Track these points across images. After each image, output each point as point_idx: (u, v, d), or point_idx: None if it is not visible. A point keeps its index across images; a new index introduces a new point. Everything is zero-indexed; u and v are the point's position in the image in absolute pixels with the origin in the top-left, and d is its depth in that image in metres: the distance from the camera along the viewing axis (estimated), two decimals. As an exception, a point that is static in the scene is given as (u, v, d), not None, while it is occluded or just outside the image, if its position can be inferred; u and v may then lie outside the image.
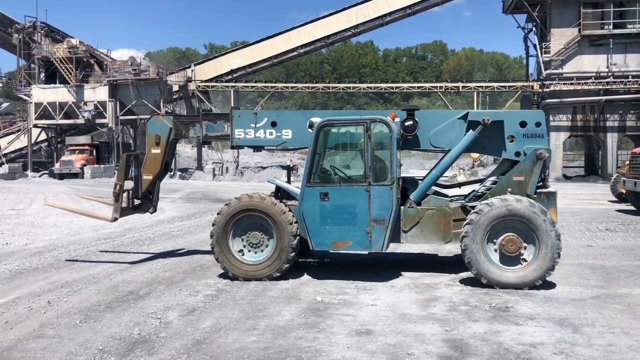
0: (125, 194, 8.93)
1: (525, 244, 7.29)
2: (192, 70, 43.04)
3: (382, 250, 7.65)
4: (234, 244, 7.90)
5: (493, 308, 6.45)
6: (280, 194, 8.60)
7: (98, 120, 41.70)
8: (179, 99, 45.42)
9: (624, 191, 17.58)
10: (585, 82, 36.68)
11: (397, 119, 7.75)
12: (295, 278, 7.96)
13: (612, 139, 36.90)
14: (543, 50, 37.96)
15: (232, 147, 8.91)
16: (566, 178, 37.15)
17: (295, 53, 43.27)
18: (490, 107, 59.49)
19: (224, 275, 8.19)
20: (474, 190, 8.37)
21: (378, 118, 7.59)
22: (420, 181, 8.27)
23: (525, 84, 40.47)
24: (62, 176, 38.23)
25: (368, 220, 7.49)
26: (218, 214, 7.97)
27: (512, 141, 7.90)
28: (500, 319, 6.03)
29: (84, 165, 39.16)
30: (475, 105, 41.59)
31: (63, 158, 40.07)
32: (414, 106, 8.33)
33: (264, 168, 42.71)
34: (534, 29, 41.08)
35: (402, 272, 8.33)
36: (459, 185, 10.01)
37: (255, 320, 6.04)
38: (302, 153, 59.44)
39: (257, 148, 8.92)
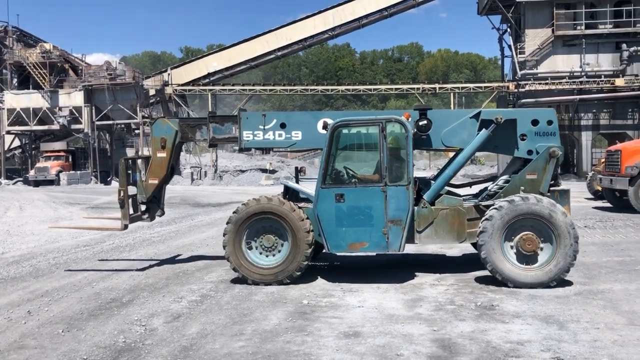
0: (130, 200, 8.77)
1: (542, 244, 7.29)
2: (169, 74, 42.71)
3: (400, 251, 7.61)
4: (245, 247, 7.77)
5: (479, 307, 6.49)
6: (288, 196, 8.47)
7: (73, 126, 41.08)
8: (156, 103, 45.03)
9: (600, 188, 17.87)
10: (559, 82, 37.27)
11: (410, 119, 7.71)
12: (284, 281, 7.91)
13: (586, 138, 37.52)
14: (518, 50, 38.48)
15: (241, 150, 8.78)
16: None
17: (272, 56, 43.24)
18: (466, 108, 60.00)
19: (207, 281, 8.12)
20: (486, 189, 8.37)
21: (394, 118, 7.57)
22: (432, 181, 8.26)
23: (501, 84, 40.97)
24: (37, 183, 37.59)
25: (385, 221, 7.45)
26: (228, 222, 7.79)
27: (524, 139, 7.88)
28: (486, 318, 6.06)
29: (60, 171, 38.56)
30: (452, 106, 41.96)
31: (38, 165, 39.41)
32: (427, 106, 8.31)
33: (243, 171, 42.49)
34: (508, 29, 41.67)
35: (387, 273, 8.34)
36: (470, 184, 10.02)
37: (242, 325, 5.98)
38: (282, 156, 59.34)
39: (266, 150, 8.88)
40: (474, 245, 7.99)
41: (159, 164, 8.75)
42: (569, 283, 7.47)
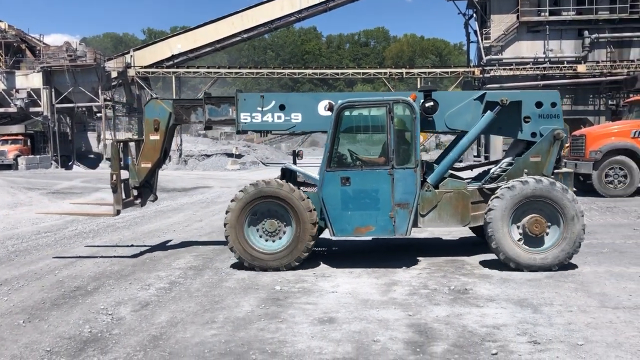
0: (122, 185, 8.44)
1: (548, 228, 7.27)
2: (131, 56, 41.58)
3: (406, 235, 7.46)
4: (249, 232, 7.55)
5: (452, 291, 6.46)
6: (286, 179, 8.20)
7: (32, 109, 39.71)
8: (118, 85, 43.86)
9: (564, 173, 18.13)
10: (523, 68, 37.74)
11: (415, 101, 7.54)
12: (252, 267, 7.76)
13: (549, 123, 38.13)
14: (483, 36, 38.76)
15: (238, 132, 8.53)
16: (506, 161, 38.20)
17: (238, 38, 42.48)
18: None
19: (175, 267, 7.90)
20: (486, 172, 8.30)
21: (401, 99, 7.39)
22: (435, 164, 8.16)
23: (467, 69, 41.27)
24: (-7, 168, 36.31)
25: (392, 205, 7.32)
26: (232, 200, 7.55)
27: (527, 122, 7.84)
28: (461, 302, 6.04)
29: (18, 156, 37.29)
30: (418, 90, 42.08)
31: (-6, 149, 38.03)
32: (431, 87, 8.16)
33: (208, 156, 41.93)
34: (474, 15, 41.90)
35: (360, 258, 8.26)
36: (471, 167, 9.95)
37: (214, 313, 5.81)
38: (248, 140, 58.80)
39: (265, 133, 8.70)
40: (473, 229, 7.98)
41: (152, 147, 8.44)
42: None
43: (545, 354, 4.57)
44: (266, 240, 7.60)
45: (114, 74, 41.64)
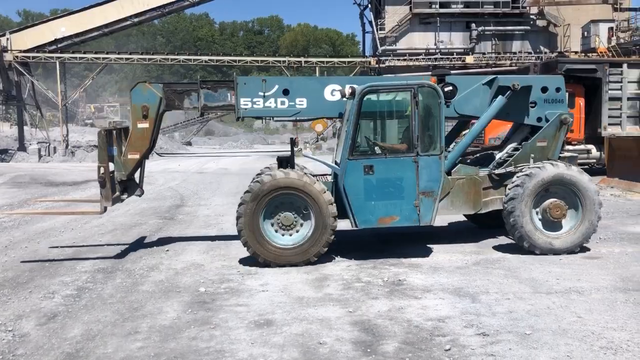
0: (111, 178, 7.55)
1: (567, 211, 7.29)
2: (8, 39, 37.98)
3: (431, 224, 7.18)
4: (265, 225, 6.99)
5: (387, 283, 6.27)
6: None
7: None
8: (-8, 71, 40.04)
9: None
10: (416, 58, 38.93)
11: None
12: (171, 267, 7.15)
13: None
14: (378, 27, 39.51)
15: (238, 119, 7.99)
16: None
17: (129, 22, 40.11)
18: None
19: (81, 271, 7.10)
20: (485, 156, 8.31)
21: (426, 84, 7.09)
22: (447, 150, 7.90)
23: (363, 59, 41.87)
24: None
25: (416, 193, 7.01)
26: (246, 192, 6.96)
27: (533, 107, 7.82)
28: (398, 294, 5.85)
29: None
30: (317, 79, 42.21)
31: None
32: (445, 71, 7.90)
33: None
34: (369, 5, 42.55)
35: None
36: (473, 153, 9.74)
37: (135, 322, 5.20)
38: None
39: (265, 119, 8.04)
40: (468, 216, 8.30)
41: (140, 136, 7.69)
42: (464, 252, 7.57)
43: (498, 346, 4.46)
44: (283, 235, 7.10)
45: (-14, 59, 37.92)
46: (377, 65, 39.44)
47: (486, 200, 7.64)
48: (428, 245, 7.97)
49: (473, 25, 39.51)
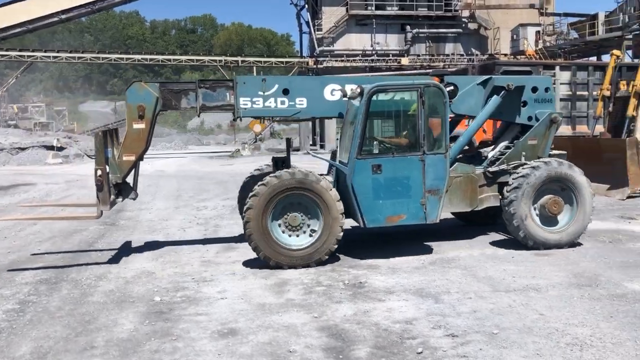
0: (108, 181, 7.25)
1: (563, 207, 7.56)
2: None
3: (436, 221, 7.27)
4: (273, 227, 6.90)
5: (348, 285, 6.20)
6: (278, 169, 7.69)
7: None
8: None
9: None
10: (353, 59, 39.27)
11: None
12: (121, 275, 6.80)
13: (378, 112, 40.26)
14: (316, 27, 39.58)
15: (236, 119, 7.88)
16: (340, 149, 39.54)
17: (56, 19, 38.25)
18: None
19: (21, 282, 6.64)
20: (474, 155, 8.43)
21: (432, 83, 7.21)
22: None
23: (301, 59, 41.86)
24: None
25: (423, 192, 7.11)
26: (252, 195, 6.85)
27: (524, 106, 8.07)
28: (361, 297, 5.79)
29: None
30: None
31: None
32: (443, 71, 8.00)
33: (23, 149, 37.45)
34: (306, 5, 42.55)
35: (233, 258, 7.68)
36: (467, 152, 9.75)
37: (90, 336, 4.89)
38: (67, 131, 53.87)
39: (264, 119, 7.84)
40: (456, 214, 8.66)
41: (135, 137, 7.40)
42: (429, 251, 7.61)
43: (468, 346, 4.47)
44: (290, 236, 7.03)
45: None
46: (314, 66, 39.50)
47: (481, 197, 7.81)
48: (384, 246, 7.98)
49: (408, 27, 40.22)
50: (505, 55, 38.92)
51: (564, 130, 17.05)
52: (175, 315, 5.38)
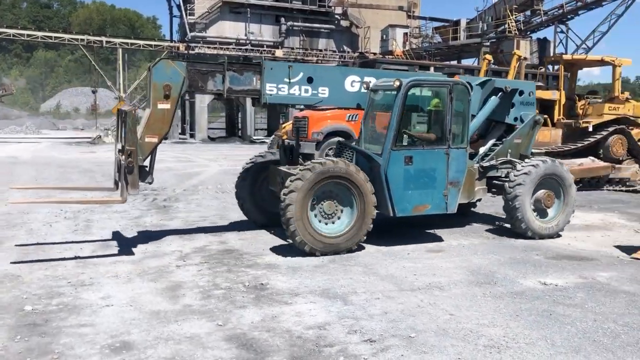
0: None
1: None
2: None
3: (455, 212, 7.76)
4: (310, 214, 6.94)
5: (249, 288, 5.77)
6: (287, 158, 8.24)
7: None
8: None
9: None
10: (227, 47, 38.35)
11: None
12: (-27, 281, 5.77)
13: (250, 104, 39.70)
14: (187, 12, 38.08)
15: (263, 105, 7.91)
16: (211, 139, 38.51)
17: None
18: (129, 66, 56.84)
19: None
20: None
21: (461, 81, 7.68)
22: None
23: (171, 44, 40.10)
24: None
25: (446, 183, 7.53)
26: (297, 179, 6.81)
27: (512, 107, 8.86)
28: (266, 300, 5.40)
29: None
30: (120, 63, 39.38)
31: None
32: (455, 71, 7.89)
33: None
34: (178, -12, 40.83)
35: (116, 256, 6.92)
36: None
37: (-55, 360, 4.01)
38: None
39: (286, 107, 7.00)
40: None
41: (160, 117, 6.94)
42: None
43: (389, 353, 4.26)
44: (326, 224, 7.13)
45: None
46: (186, 52, 38.01)
47: (477, 189, 8.32)
48: (282, 243, 7.64)
49: (282, 19, 40.13)
50: (375, 54, 40.17)
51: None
52: (53, 328, 4.61)
